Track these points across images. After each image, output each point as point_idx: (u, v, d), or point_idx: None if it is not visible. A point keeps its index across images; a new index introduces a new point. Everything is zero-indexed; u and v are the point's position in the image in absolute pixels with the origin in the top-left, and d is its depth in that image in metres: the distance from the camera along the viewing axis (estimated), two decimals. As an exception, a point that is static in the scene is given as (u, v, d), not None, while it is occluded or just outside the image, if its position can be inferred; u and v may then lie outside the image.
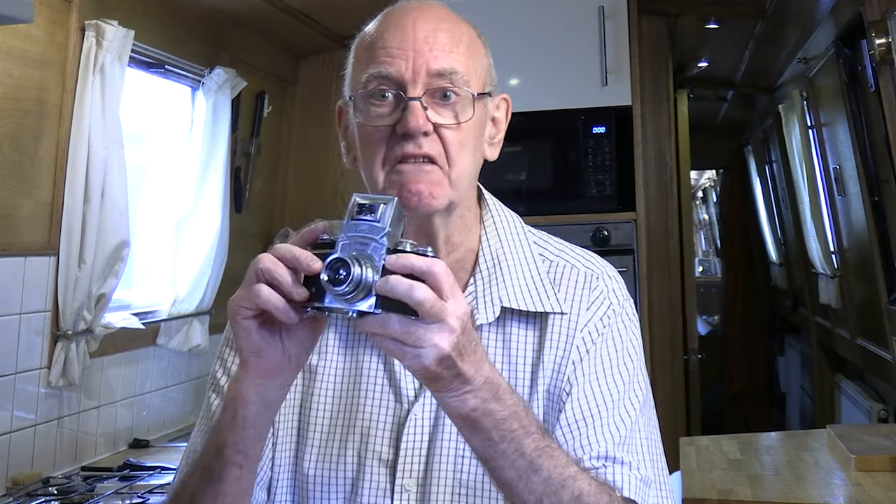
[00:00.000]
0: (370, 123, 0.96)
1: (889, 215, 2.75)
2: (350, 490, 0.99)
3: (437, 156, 0.94)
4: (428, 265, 0.79)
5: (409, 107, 0.93)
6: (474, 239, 1.04)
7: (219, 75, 2.65)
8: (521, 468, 0.85)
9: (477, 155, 1.00)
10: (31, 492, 1.95)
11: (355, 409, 1.00)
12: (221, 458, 0.89)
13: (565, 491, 0.87)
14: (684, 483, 1.95)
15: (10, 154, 1.94)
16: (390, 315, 0.79)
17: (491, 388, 0.83)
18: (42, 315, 2.09)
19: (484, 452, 0.85)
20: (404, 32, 0.95)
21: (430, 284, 0.78)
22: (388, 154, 0.95)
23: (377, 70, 0.94)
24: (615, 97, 2.82)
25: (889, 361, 2.88)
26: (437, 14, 0.97)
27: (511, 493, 0.87)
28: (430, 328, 0.78)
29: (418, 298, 0.77)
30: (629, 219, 2.82)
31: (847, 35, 2.74)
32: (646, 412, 1.01)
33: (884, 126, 2.48)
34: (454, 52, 0.95)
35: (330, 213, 3.99)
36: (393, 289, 0.78)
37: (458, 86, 0.95)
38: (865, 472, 1.93)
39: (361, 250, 0.81)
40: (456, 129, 0.95)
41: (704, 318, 6.56)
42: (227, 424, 0.89)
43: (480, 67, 0.99)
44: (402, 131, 0.93)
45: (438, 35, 0.95)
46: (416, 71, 0.93)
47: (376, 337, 0.80)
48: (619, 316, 1.02)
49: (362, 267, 0.79)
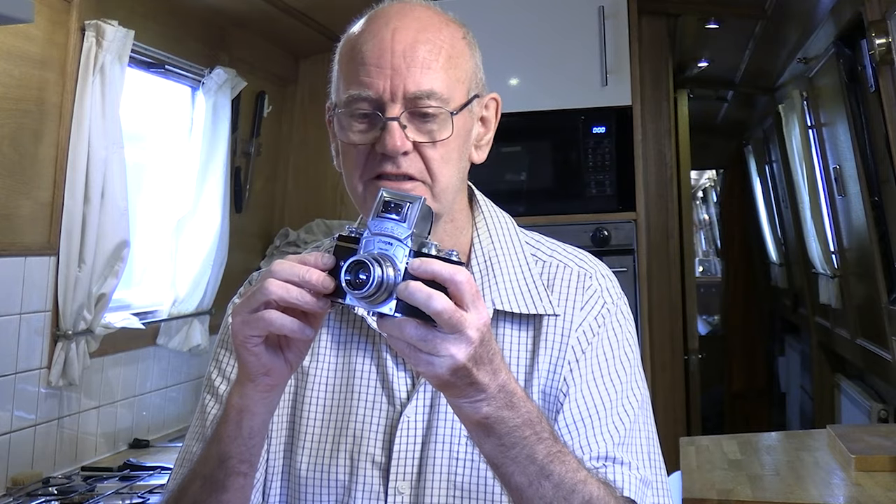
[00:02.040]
0: (350, 141, 0.95)
1: (889, 215, 2.75)
2: (343, 492, 0.98)
3: (418, 173, 0.94)
4: (451, 273, 0.77)
5: (387, 127, 0.92)
6: (466, 241, 1.03)
7: (219, 75, 2.65)
8: (532, 473, 0.84)
9: (462, 164, 0.99)
10: (31, 492, 1.96)
11: (348, 411, 1.00)
12: (225, 469, 0.89)
13: (575, 496, 0.86)
14: (684, 483, 1.95)
15: (10, 154, 1.94)
16: (408, 320, 0.78)
17: (506, 396, 0.82)
18: (42, 315, 2.09)
19: (495, 458, 0.85)
20: (382, 47, 0.93)
21: (452, 293, 0.77)
22: (367, 170, 0.95)
23: (357, 92, 0.93)
24: (615, 97, 2.81)
25: (889, 361, 2.88)
26: (418, 20, 0.95)
27: (520, 497, 0.86)
28: (447, 338, 0.77)
29: (436, 309, 0.76)
30: (629, 219, 2.81)
31: (847, 35, 2.74)
32: (644, 411, 1.01)
33: (884, 126, 2.48)
34: (432, 69, 0.93)
35: (330, 213, 3.99)
36: (412, 296, 0.77)
37: (437, 105, 0.93)
38: (865, 472, 1.93)
39: (384, 250, 0.79)
40: (437, 147, 0.94)
41: (704, 318, 6.55)
42: (231, 436, 0.89)
43: (463, 74, 0.97)
44: (381, 151, 0.93)
45: (417, 49, 0.93)
46: (394, 91, 0.92)
47: (392, 339, 0.80)
48: (613, 315, 1.02)
49: (383, 269, 0.78)
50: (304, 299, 0.81)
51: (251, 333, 0.83)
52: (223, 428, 0.89)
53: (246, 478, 0.90)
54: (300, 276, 0.81)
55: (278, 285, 0.81)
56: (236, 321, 0.83)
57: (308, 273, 0.81)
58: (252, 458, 0.90)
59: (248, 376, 0.86)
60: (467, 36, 1.00)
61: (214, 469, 0.90)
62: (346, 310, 1.02)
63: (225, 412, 0.90)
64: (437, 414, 0.97)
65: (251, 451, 0.90)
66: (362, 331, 1.02)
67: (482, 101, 1.01)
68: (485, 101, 1.02)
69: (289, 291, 0.81)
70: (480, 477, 0.96)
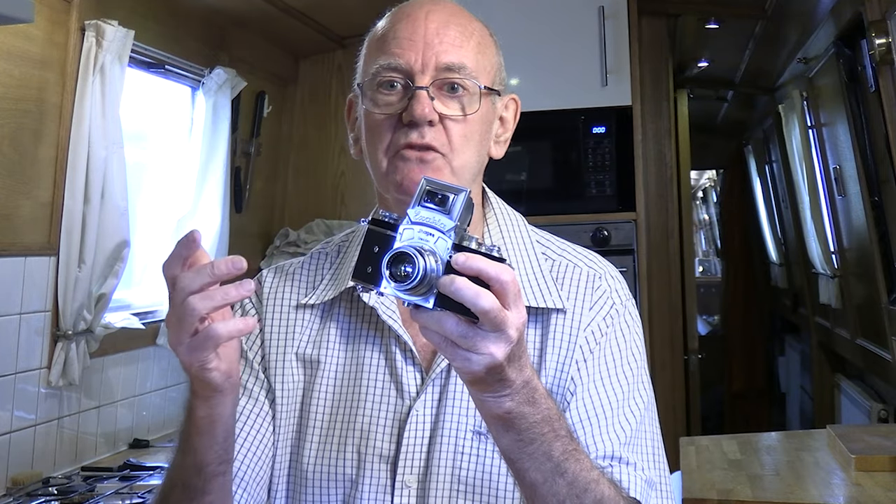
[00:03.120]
0: (377, 111, 0.97)
1: (889, 215, 2.75)
2: (350, 486, 0.98)
3: (440, 146, 0.95)
4: (497, 272, 0.75)
5: (415, 95, 0.94)
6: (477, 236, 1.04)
7: (219, 75, 2.66)
8: (548, 470, 0.84)
9: (482, 149, 1.00)
10: (31, 492, 1.96)
11: (356, 405, 1.00)
12: (204, 476, 0.89)
13: (588, 495, 0.86)
14: (684, 483, 1.95)
15: (10, 154, 1.94)
16: (448, 314, 0.75)
17: (529, 392, 0.82)
18: (42, 315, 2.09)
19: (512, 453, 0.84)
20: (416, 24, 0.96)
21: (496, 291, 0.75)
22: (393, 141, 0.96)
23: (388, 61, 0.96)
24: (615, 97, 2.82)
25: (889, 361, 2.89)
26: (449, 9, 0.99)
27: (534, 494, 0.86)
28: (487, 336, 0.75)
29: (484, 308, 0.74)
30: (629, 219, 2.82)
31: (847, 35, 2.75)
32: (650, 412, 1.02)
33: (884, 126, 2.48)
34: (464, 47, 0.97)
35: (329, 213, 3.99)
36: (458, 292, 0.74)
37: (467, 79, 0.96)
38: (865, 471, 1.93)
39: (425, 241, 0.76)
40: (462, 122, 0.96)
41: (704, 318, 6.56)
42: (206, 446, 0.87)
43: (490, 64, 1.00)
44: (408, 119, 0.94)
45: (450, 29, 0.97)
46: (426, 62, 0.95)
47: (427, 332, 0.78)
48: (622, 316, 1.02)
49: (427, 262, 0.74)
50: (231, 295, 0.78)
51: (204, 356, 0.80)
52: (196, 440, 0.87)
53: (225, 475, 0.90)
54: (210, 273, 0.79)
55: (200, 298, 0.78)
56: (181, 351, 0.80)
57: (214, 268, 0.79)
58: (228, 455, 0.90)
59: (215, 389, 0.84)
60: (493, 36, 1.04)
61: (192, 477, 0.89)
62: (355, 304, 1.02)
63: (192, 424, 0.87)
64: (445, 409, 0.97)
65: (227, 451, 0.89)
66: (371, 325, 1.02)
67: (503, 100, 1.04)
68: (505, 100, 1.04)
69: (213, 298, 0.78)
70: (486, 472, 0.96)
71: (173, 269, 0.81)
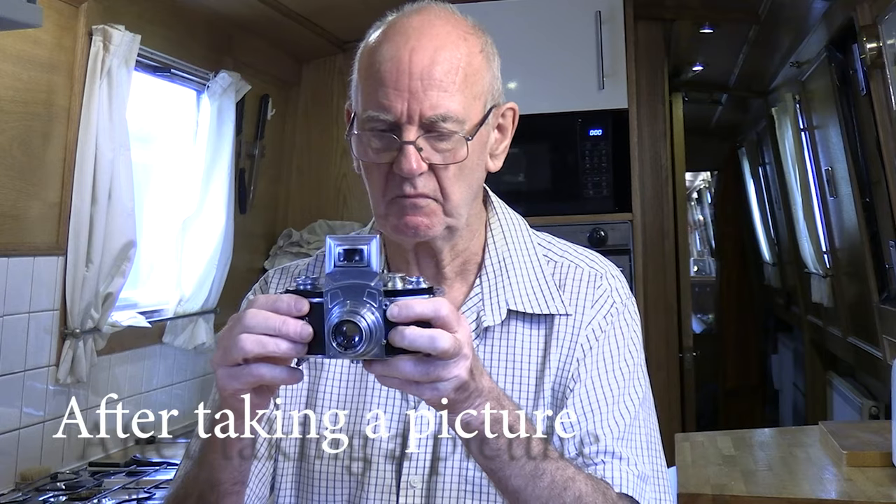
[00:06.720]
0: (370, 160, 0.96)
1: (880, 216, 2.77)
2: (356, 486, 0.99)
3: (432, 192, 0.95)
4: (434, 310, 0.77)
5: (403, 150, 0.93)
6: (479, 242, 1.05)
7: (223, 79, 2.67)
8: (528, 474, 0.86)
9: (477, 176, 1.00)
10: (39, 487, 1.98)
11: (362, 406, 1.01)
12: (217, 492, 0.90)
13: (567, 493, 0.88)
14: (679, 478, 1.96)
15: (19, 156, 1.95)
16: (403, 359, 0.77)
17: (496, 392, 0.85)
18: (50, 314, 2.11)
19: (491, 463, 0.86)
20: (400, 69, 0.93)
21: (439, 325, 0.78)
22: (387, 189, 0.96)
23: (376, 113, 0.94)
24: (612, 100, 2.83)
25: (880, 359, 2.90)
26: (436, 38, 0.95)
27: (517, 501, 0.88)
28: (447, 364, 0.78)
29: (443, 348, 0.77)
30: (625, 219, 2.83)
31: (839, 40, 2.77)
32: (645, 408, 1.03)
33: (874, 128, 2.51)
34: (448, 91, 0.93)
35: (332, 214, 4.00)
36: (413, 343, 0.77)
37: (452, 128, 0.94)
38: (857, 467, 1.95)
39: (357, 299, 0.77)
40: (452, 165, 0.95)
41: (699, 317, 6.57)
42: (220, 465, 0.88)
43: (480, 90, 0.97)
44: (398, 173, 0.94)
45: (434, 70, 0.93)
46: (411, 115, 0.93)
47: (385, 379, 0.80)
48: (621, 314, 1.04)
49: (367, 322, 0.76)
50: (281, 350, 0.79)
51: (238, 387, 0.81)
52: (211, 456, 0.89)
53: (239, 495, 0.92)
54: (276, 328, 0.79)
55: (253, 341, 0.79)
56: (221, 374, 0.81)
57: (284, 325, 0.79)
58: (243, 477, 0.91)
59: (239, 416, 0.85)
60: (486, 47, 0.99)
61: (206, 492, 0.90)
62: None
63: (212, 440, 0.88)
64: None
65: (242, 473, 0.90)
66: None
67: (499, 111, 1.01)
68: (502, 110, 1.02)
69: (265, 346, 0.79)
70: None
71: (259, 306, 0.81)
